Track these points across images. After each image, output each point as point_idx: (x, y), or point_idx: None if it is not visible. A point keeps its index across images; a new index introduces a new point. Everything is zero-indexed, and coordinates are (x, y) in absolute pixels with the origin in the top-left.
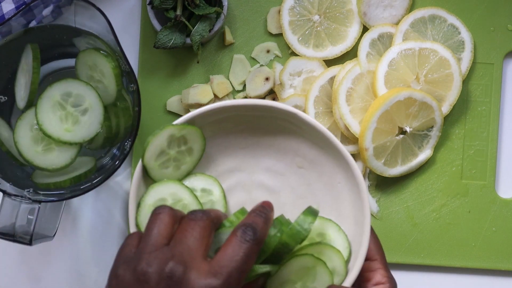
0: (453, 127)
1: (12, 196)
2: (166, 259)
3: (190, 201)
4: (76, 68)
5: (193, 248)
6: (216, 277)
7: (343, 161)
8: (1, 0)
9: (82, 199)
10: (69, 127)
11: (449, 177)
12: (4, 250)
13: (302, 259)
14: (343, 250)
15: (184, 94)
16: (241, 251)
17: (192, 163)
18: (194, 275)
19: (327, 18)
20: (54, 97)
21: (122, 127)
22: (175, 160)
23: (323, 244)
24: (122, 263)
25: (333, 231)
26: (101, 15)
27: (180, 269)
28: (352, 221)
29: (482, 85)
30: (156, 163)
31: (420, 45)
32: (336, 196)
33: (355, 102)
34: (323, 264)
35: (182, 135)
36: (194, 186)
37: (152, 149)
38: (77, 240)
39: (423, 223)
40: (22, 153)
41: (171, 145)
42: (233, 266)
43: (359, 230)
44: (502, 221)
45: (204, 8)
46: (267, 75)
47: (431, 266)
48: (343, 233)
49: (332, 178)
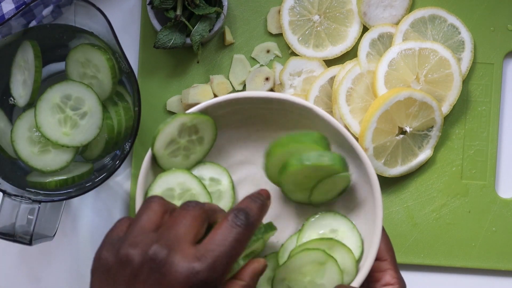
0: (453, 127)
1: (12, 196)
2: (151, 242)
3: (199, 191)
4: (67, 68)
5: (181, 234)
6: (201, 261)
7: (356, 158)
8: (1, 0)
9: (82, 199)
10: (67, 131)
11: (449, 177)
12: (4, 250)
13: (314, 254)
14: (355, 249)
15: (184, 94)
16: (231, 235)
17: (202, 152)
18: (178, 258)
19: (327, 18)
20: (54, 99)
21: (122, 128)
22: (185, 149)
23: (335, 241)
24: (107, 245)
25: (347, 229)
26: (101, 15)
27: (164, 252)
28: (363, 220)
29: (482, 85)
30: (165, 151)
31: (420, 45)
32: (348, 194)
33: (355, 102)
34: (334, 262)
35: (193, 124)
36: (202, 175)
37: (162, 138)
38: (77, 240)
39: (423, 223)
40: (18, 152)
41: (182, 134)
42: (220, 250)
43: (371, 229)
44: (502, 221)
45: (204, 8)
46: (267, 75)
47: (431, 266)
48: (357, 231)
49: None
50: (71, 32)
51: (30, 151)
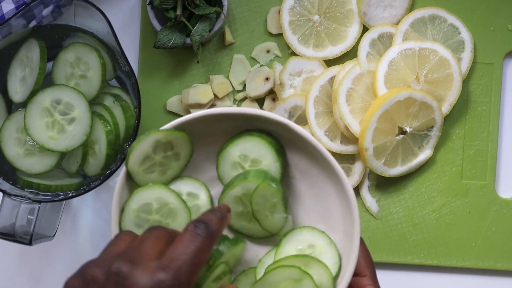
0: (453, 127)
1: (12, 196)
2: (114, 261)
3: (177, 205)
4: (53, 71)
5: (144, 251)
6: (165, 271)
7: (334, 175)
8: (1, 0)
9: (82, 199)
10: (53, 135)
11: (449, 177)
12: (4, 250)
13: (289, 271)
14: (333, 265)
15: (184, 94)
16: (192, 244)
17: (178, 167)
18: (141, 271)
19: (327, 18)
20: (44, 102)
21: (122, 132)
22: (161, 165)
23: (311, 258)
24: (74, 273)
25: (324, 244)
26: (101, 15)
27: (126, 266)
28: (342, 235)
29: (482, 85)
30: (140, 168)
31: (420, 45)
32: (326, 208)
33: (355, 102)
34: (310, 278)
35: (168, 140)
36: (180, 190)
37: (136, 155)
38: (77, 240)
39: (423, 223)
40: (4, 152)
41: (156, 151)
42: (183, 259)
43: (349, 245)
44: (502, 221)
45: (204, 8)
46: (267, 75)
47: (431, 266)
48: (334, 247)
49: (323, 190)
50: (67, 32)
51: (16, 152)
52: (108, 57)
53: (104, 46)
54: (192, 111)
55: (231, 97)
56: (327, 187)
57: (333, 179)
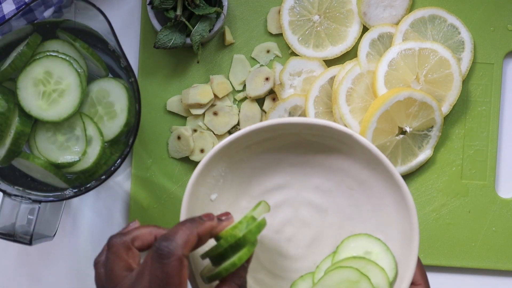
0: (453, 127)
1: (12, 196)
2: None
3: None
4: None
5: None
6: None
7: (394, 185)
8: (2, 1)
9: (82, 199)
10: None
11: (449, 177)
12: (4, 250)
13: (347, 272)
14: (389, 271)
15: (184, 94)
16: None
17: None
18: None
19: (327, 18)
20: (38, 75)
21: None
22: None
23: (368, 260)
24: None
25: (380, 251)
26: (102, 15)
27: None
28: (398, 244)
29: (482, 85)
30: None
31: (420, 45)
32: (384, 218)
33: (355, 102)
34: (367, 280)
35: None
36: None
37: None
38: (77, 240)
39: (423, 223)
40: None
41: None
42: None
43: (406, 253)
44: (502, 221)
45: (204, 8)
46: (267, 75)
47: (431, 266)
48: (390, 253)
49: (381, 200)
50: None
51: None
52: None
53: (104, 45)
54: (192, 111)
55: (231, 97)
56: (385, 198)
57: (392, 189)
